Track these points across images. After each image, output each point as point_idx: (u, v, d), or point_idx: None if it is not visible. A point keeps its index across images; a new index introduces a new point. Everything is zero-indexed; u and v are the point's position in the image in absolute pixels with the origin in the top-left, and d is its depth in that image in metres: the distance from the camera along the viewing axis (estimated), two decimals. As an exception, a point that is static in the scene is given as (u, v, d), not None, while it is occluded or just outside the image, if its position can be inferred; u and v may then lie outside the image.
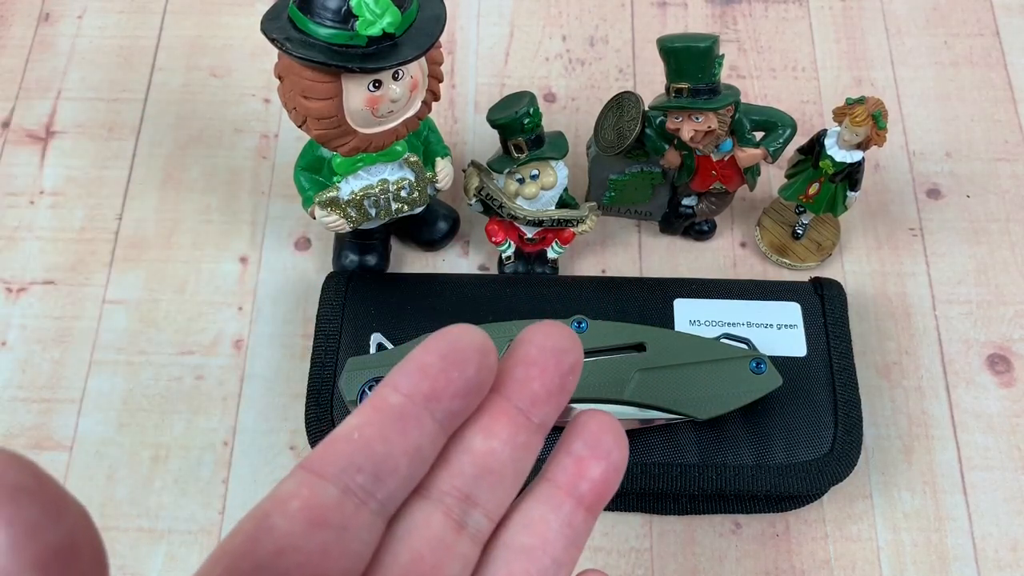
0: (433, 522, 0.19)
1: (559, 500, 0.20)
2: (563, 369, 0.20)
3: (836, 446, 0.44)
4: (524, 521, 0.20)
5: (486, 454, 0.20)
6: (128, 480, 0.47)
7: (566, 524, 0.20)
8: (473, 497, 0.20)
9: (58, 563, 0.14)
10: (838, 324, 0.47)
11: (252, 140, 0.56)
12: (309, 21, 0.37)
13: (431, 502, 0.19)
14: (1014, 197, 0.54)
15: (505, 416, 0.20)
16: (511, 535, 0.20)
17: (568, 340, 0.20)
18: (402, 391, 0.19)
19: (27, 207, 0.54)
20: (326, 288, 0.48)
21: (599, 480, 0.21)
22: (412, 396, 0.19)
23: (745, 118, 0.45)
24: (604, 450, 0.21)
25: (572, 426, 0.21)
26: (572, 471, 0.21)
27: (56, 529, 0.14)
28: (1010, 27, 0.60)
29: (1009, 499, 0.46)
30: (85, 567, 0.15)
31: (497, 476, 0.20)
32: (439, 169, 0.46)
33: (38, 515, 0.14)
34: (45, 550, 0.14)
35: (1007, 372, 0.49)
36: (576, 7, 0.61)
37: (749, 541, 0.45)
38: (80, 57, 0.59)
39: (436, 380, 0.19)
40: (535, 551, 0.20)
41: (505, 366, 0.20)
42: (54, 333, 0.50)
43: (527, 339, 0.20)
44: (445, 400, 0.19)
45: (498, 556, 0.20)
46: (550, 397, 0.20)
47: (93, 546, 0.15)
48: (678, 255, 0.53)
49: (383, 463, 0.18)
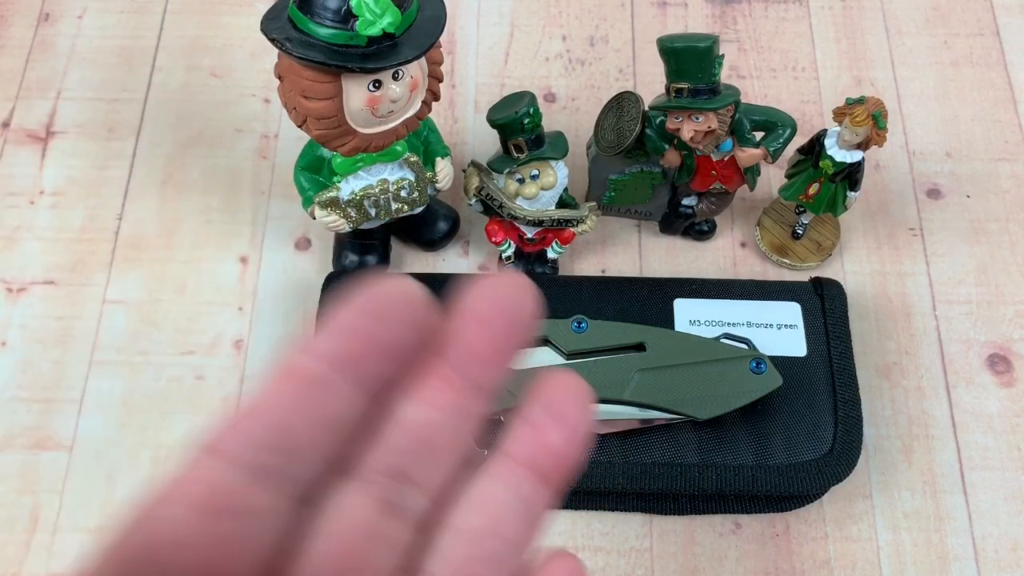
0: (360, 504, 0.16)
1: (514, 474, 0.18)
2: (514, 323, 0.17)
3: (836, 446, 0.44)
4: (473, 499, 0.17)
5: (422, 425, 0.17)
6: (128, 480, 0.46)
7: (521, 501, 0.17)
8: (408, 474, 0.17)
9: None
10: (838, 324, 0.47)
11: (252, 140, 0.56)
12: (309, 21, 0.37)
13: (359, 482, 0.17)
14: (1014, 197, 0.54)
15: (444, 381, 0.17)
16: (458, 516, 0.17)
17: (520, 290, 0.17)
18: (318, 354, 0.16)
19: (27, 207, 0.54)
20: (326, 288, 0.48)
21: (559, 449, 0.18)
22: (330, 359, 0.16)
23: (745, 118, 0.45)
24: (565, 415, 0.18)
25: (531, 390, 0.18)
26: (529, 440, 0.18)
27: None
28: (1010, 27, 0.60)
29: (1009, 499, 0.46)
30: None
31: (436, 449, 0.17)
32: (439, 169, 0.46)
33: None
34: None
35: (1007, 372, 0.49)
36: (576, 7, 0.61)
37: (749, 541, 0.45)
38: (80, 57, 0.59)
39: (358, 339, 0.16)
40: (484, 533, 0.17)
41: (446, 323, 0.17)
42: (54, 333, 0.50)
43: (472, 291, 0.17)
44: (370, 363, 0.16)
45: (441, 540, 0.17)
46: (497, 357, 0.17)
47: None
48: (678, 255, 0.53)
49: (296, 438, 0.16)
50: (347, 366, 0.16)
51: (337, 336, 0.16)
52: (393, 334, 0.16)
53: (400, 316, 0.16)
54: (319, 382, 0.16)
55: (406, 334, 0.16)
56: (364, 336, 0.16)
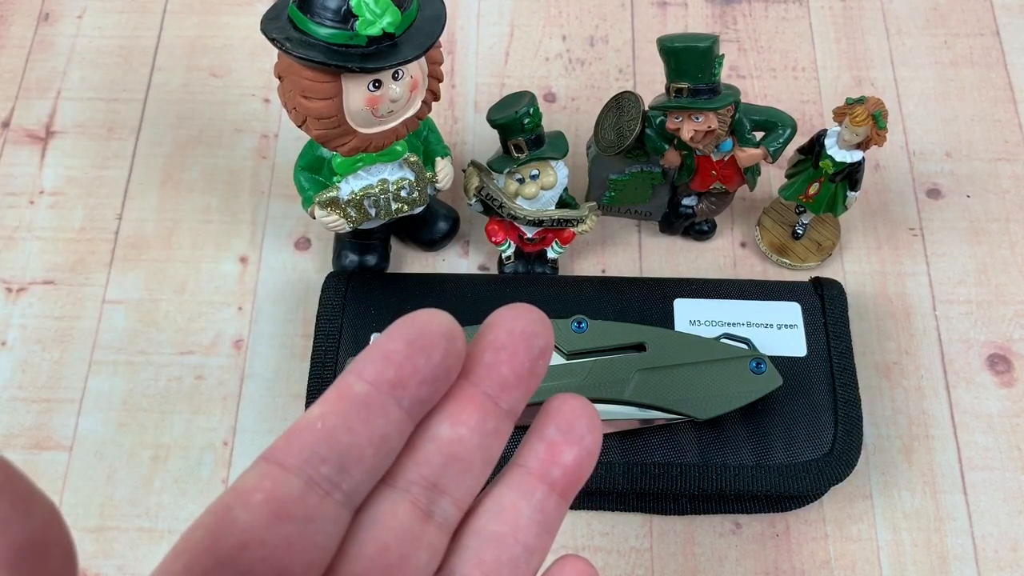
0: (399, 512, 0.19)
1: (530, 486, 0.20)
2: (533, 353, 0.20)
3: (836, 446, 0.44)
4: (494, 508, 0.20)
5: (453, 441, 0.19)
6: (128, 480, 0.46)
7: (537, 510, 0.20)
8: (440, 485, 0.19)
9: (26, 560, 0.14)
10: (838, 324, 0.47)
11: (252, 140, 0.56)
12: (309, 21, 0.37)
13: (397, 491, 0.19)
14: (1014, 197, 0.54)
15: (473, 403, 0.19)
16: (481, 523, 0.20)
17: (538, 323, 0.20)
18: (367, 379, 0.18)
19: (27, 207, 0.54)
20: (326, 288, 0.48)
21: (572, 465, 0.20)
22: (377, 384, 0.18)
23: (745, 118, 0.45)
24: (577, 435, 0.20)
25: (544, 410, 0.21)
26: (544, 456, 0.20)
27: (25, 525, 0.14)
28: (1010, 27, 0.60)
29: (1009, 499, 0.46)
30: (55, 565, 0.15)
31: (465, 464, 0.19)
32: (439, 169, 0.46)
33: (6, 510, 0.14)
34: (12, 546, 0.14)
35: (1007, 372, 0.49)
36: (576, 7, 0.61)
37: (749, 541, 0.45)
38: (80, 57, 0.59)
39: (402, 367, 0.18)
40: (506, 538, 0.20)
41: (473, 351, 0.20)
42: (54, 333, 0.50)
43: (495, 323, 0.20)
44: (411, 387, 0.18)
45: (468, 544, 0.20)
46: (519, 382, 0.20)
47: (62, 544, 0.15)
48: (678, 255, 0.53)
49: (348, 453, 0.18)
50: (392, 390, 0.18)
51: (383, 363, 0.18)
52: (431, 362, 0.18)
53: (436, 345, 0.18)
54: (368, 403, 0.18)
55: (441, 362, 0.18)
56: (406, 363, 0.18)
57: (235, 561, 0.17)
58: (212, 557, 0.17)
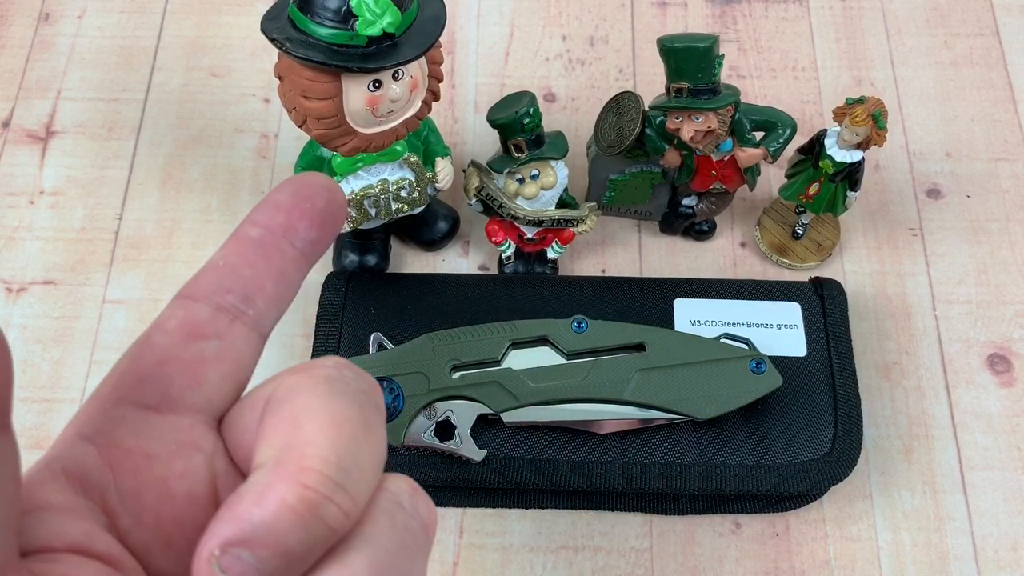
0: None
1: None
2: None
3: (836, 446, 0.44)
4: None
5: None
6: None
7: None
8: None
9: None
10: (838, 324, 0.47)
11: (252, 140, 0.56)
12: (309, 21, 0.37)
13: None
14: (1014, 197, 0.54)
15: None
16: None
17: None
18: (260, 224, 0.21)
19: (27, 207, 0.54)
20: (326, 288, 0.48)
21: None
22: (270, 228, 0.21)
23: (745, 118, 0.45)
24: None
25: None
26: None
27: None
28: (1010, 27, 0.60)
29: (1009, 499, 0.46)
30: None
31: None
32: (439, 169, 0.46)
33: None
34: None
35: (1007, 372, 0.49)
36: (576, 7, 0.61)
37: (749, 541, 0.45)
38: (80, 57, 0.59)
39: (290, 213, 0.21)
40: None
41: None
42: (54, 333, 0.50)
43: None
44: (301, 230, 0.21)
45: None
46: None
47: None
48: (678, 255, 0.53)
49: (250, 283, 0.20)
50: (284, 232, 0.21)
51: (273, 211, 0.21)
52: (316, 207, 0.21)
53: (318, 194, 0.21)
54: (263, 243, 0.21)
55: (325, 207, 0.21)
56: (294, 209, 0.21)
57: (156, 376, 0.19)
58: (135, 376, 0.19)
